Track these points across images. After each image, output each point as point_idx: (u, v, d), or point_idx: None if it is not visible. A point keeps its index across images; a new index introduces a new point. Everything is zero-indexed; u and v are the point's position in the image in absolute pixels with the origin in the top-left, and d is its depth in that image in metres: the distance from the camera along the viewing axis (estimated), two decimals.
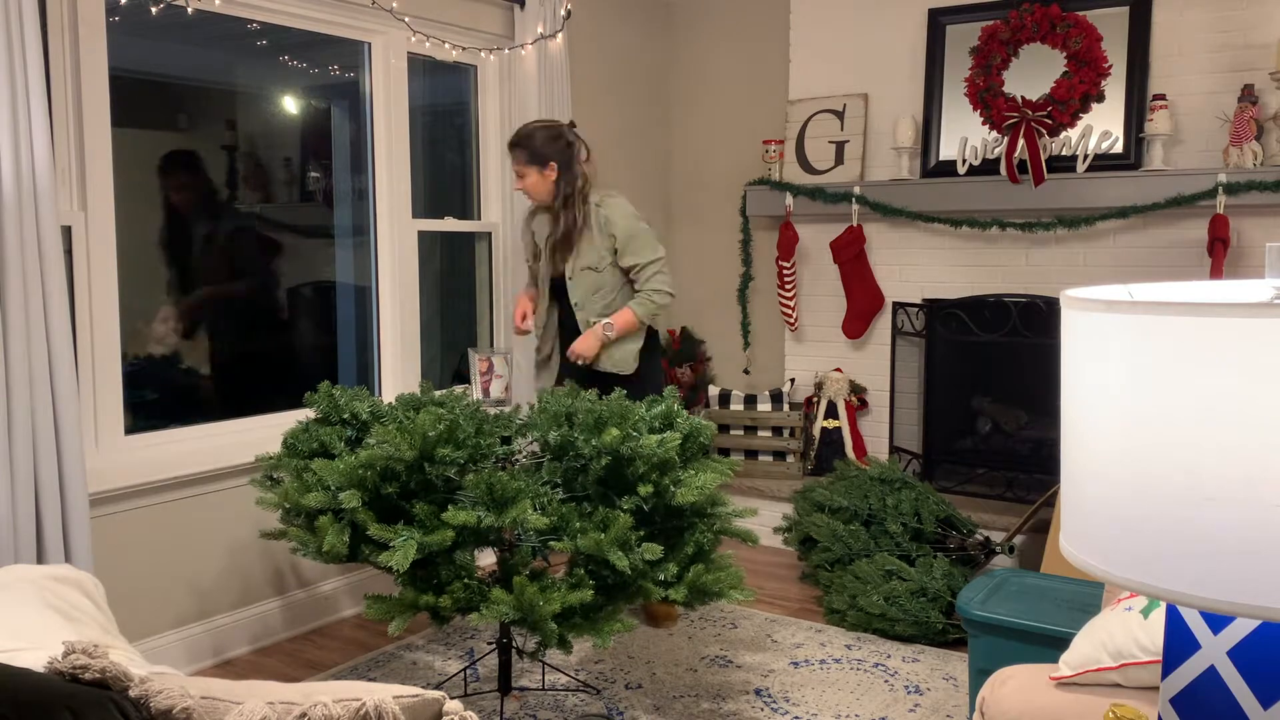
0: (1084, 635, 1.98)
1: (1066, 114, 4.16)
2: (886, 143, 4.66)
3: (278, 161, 3.95)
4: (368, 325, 4.11)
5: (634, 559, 2.40)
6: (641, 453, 2.47)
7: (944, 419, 4.55)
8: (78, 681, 1.26)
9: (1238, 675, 1.12)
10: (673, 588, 2.50)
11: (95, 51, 3.05)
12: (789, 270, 4.86)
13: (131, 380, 3.29)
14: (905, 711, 2.97)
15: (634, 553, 2.41)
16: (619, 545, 2.37)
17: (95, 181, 3.07)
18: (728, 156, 5.20)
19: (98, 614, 2.11)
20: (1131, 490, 0.95)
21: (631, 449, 2.47)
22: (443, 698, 1.32)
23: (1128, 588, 0.96)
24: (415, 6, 3.94)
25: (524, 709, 2.97)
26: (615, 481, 2.54)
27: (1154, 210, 4.01)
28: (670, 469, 2.53)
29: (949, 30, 4.48)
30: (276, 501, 2.64)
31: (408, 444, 2.42)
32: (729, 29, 5.18)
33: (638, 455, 2.47)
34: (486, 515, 2.39)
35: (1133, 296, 1.09)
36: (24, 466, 2.68)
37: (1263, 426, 0.87)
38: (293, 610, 3.62)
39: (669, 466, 2.53)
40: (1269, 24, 3.89)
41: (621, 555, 2.36)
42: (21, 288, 2.66)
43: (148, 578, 3.21)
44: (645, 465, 2.48)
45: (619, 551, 2.36)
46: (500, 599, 2.38)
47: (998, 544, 3.79)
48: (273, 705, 1.20)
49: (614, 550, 2.36)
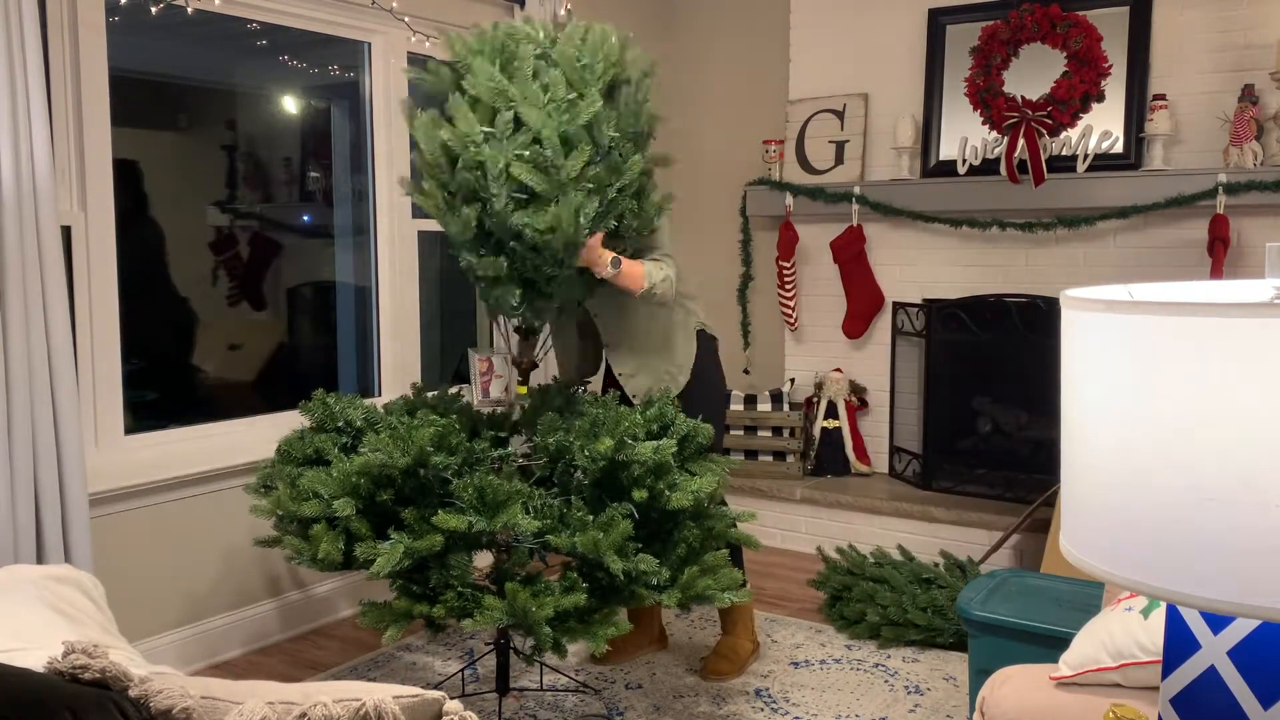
0: (1084, 635, 1.98)
1: (1066, 114, 4.16)
2: (886, 143, 4.66)
3: (278, 161, 3.95)
4: (368, 325, 4.11)
5: (630, 565, 2.39)
6: (637, 459, 2.46)
7: (944, 419, 4.55)
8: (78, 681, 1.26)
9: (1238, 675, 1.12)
10: (666, 592, 2.49)
11: (95, 51, 3.05)
12: (789, 270, 4.86)
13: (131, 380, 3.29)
14: (905, 711, 2.97)
15: (630, 559, 2.40)
16: (615, 550, 2.37)
17: (95, 181, 3.07)
18: (728, 156, 5.20)
19: (98, 614, 2.11)
20: (1131, 490, 0.95)
21: (627, 455, 2.47)
22: (443, 698, 1.32)
23: (1128, 588, 0.96)
24: (415, 6, 3.94)
25: (523, 709, 2.97)
26: (610, 485, 2.54)
27: (1154, 210, 4.01)
28: (666, 473, 2.52)
29: (949, 30, 4.48)
30: (270, 509, 2.64)
31: (401, 451, 2.42)
32: (729, 29, 5.18)
33: (634, 461, 2.46)
34: (477, 519, 2.38)
35: (1133, 296, 1.09)
36: (24, 466, 2.68)
37: (1263, 426, 0.87)
38: (292, 611, 3.62)
39: (664, 470, 2.52)
40: (1269, 24, 3.89)
41: (616, 559, 2.35)
42: (21, 288, 2.66)
43: (148, 578, 3.21)
44: (641, 470, 2.47)
45: (614, 555, 2.36)
46: (493, 605, 2.37)
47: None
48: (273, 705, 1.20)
49: (610, 554, 2.35)
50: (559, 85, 2.45)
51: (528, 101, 2.43)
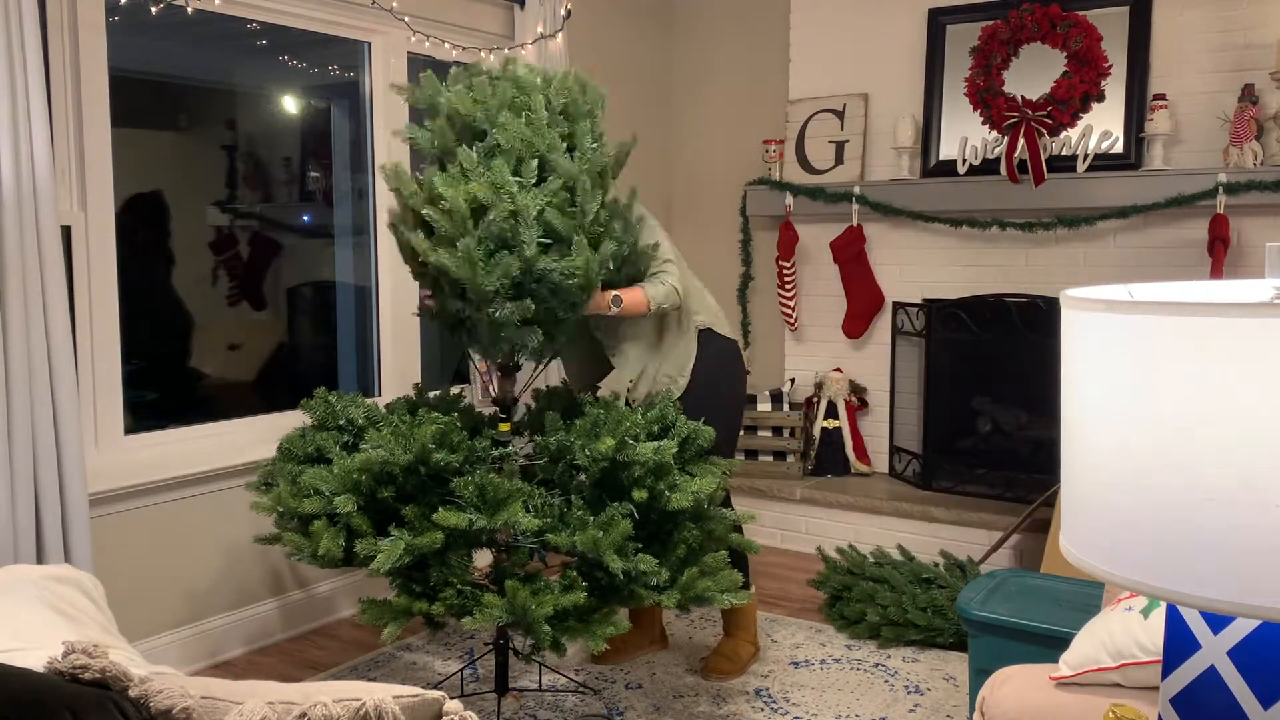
0: (1084, 635, 1.98)
1: (1066, 114, 4.16)
2: (886, 143, 4.66)
3: (278, 161, 3.95)
4: (368, 325, 4.11)
5: (630, 565, 2.40)
6: (638, 459, 2.47)
7: (944, 419, 4.55)
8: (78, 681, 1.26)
9: (1238, 675, 1.12)
10: (665, 593, 2.50)
11: (95, 52, 3.05)
12: (789, 270, 4.86)
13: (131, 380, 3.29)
14: (905, 711, 2.97)
15: (630, 559, 2.41)
16: (615, 550, 2.38)
17: (95, 181, 3.07)
18: (728, 156, 5.20)
19: (98, 614, 2.11)
20: (1131, 490, 0.95)
21: (628, 456, 2.47)
22: (443, 697, 1.32)
23: (1128, 588, 0.96)
24: (415, 6, 3.94)
25: (523, 709, 2.97)
26: (610, 485, 2.54)
27: (1154, 210, 4.01)
28: (666, 473, 2.53)
29: (949, 30, 4.48)
30: (270, 506, 2.64)
31: (402, 449, 2.42)
32: (729, 29, 5.18)
33: (634, 462, 2.47)
34: (478, 517, 2.39)
35: (1133, 296, 1.09)
36: (24, 466, 2.68)
37: (1262, 426, 0.87)
38: (292, 610, 3.62)
39: (665, 471, 2.53)
40: (1269, 24, 3.89)
41: (616, 559, 2.36)
42: (21, 288, 2.66)
43: (148, 578, 3.21)
44: (641, 470, 2.48)
45: (614, 555, 2.36)
46: (493, 603, 2.37)
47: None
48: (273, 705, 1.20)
49: (610, 554, 2.36)
50: (585, 135, 2.60)
51: (552, 149, 2.55)
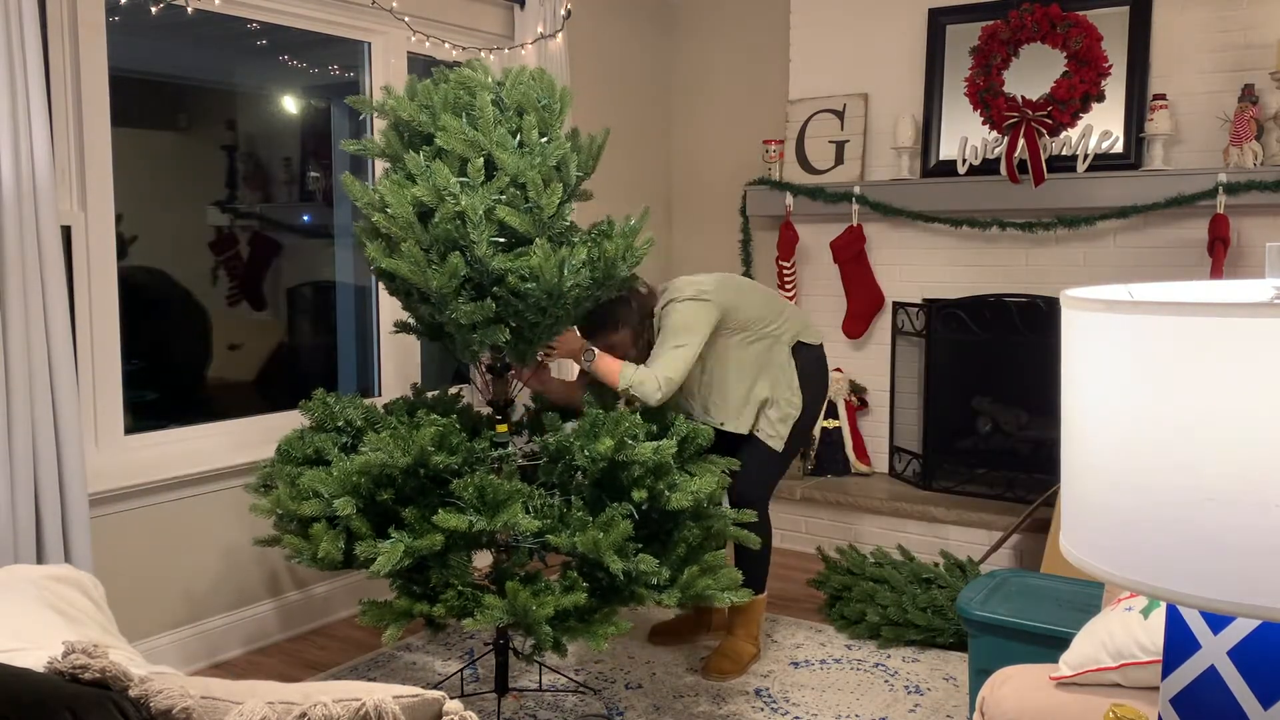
0: (1084, 635, 1.98)
1: (1066, 114, 4.16)
2: (886, 143, 4.66)
3: (278, 161, 3.95)
4: (368, 325, 4.11)
5: (630, 565, 2.40)
6: (637, 459, 2.46)
7: (944, 419, 4.55)
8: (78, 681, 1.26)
9: (1238, 675, 1.12)
10: (665, 592, 2.50)
11: (95, 52, 3.05)
12: (789, 270, 4.86)
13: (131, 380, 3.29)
14: (905, 711, 2.97)
15: (630, 559, 2.41)
16: (615, 550, 2.38)
17: (95, 181, 3.07)
18: (728, 156, 5.20)
19: (97, 614, 2.11)
20: (1131, 490, 0.95)
21: (627, 456, 2.47)
22: (443, 698, 1.32)
23: (1128, 588, 0.96)
24: (415, 6, 3.94)
25: (523, 709, 2.97)
26: (610, 485, 2.54)
27: (1154, 210, 4.01)
28: (666, 473, 2.53)
29: (949, 30, 4.48)
30: (269, 508, 2.64)
31: (401, 451, 2.42)
32: (729, 29, 5.18)
33: (634, 461, 2.47)
34: (478, 519, 2.39)
35: (1133, 296, 1.09)
36: (24, 466, 2.68)
37: (1263, 426, 0.87)
38: (291, 611, 3.62)
39: (664, 470, 2.53)
40: (1269, 24, 3.89)
41: (616, 559, 2.36)
42: (21, 288, 2.66)
43: (148, 578, 3.21)
44: (641, 470, 2.48)
45: (614, 555, 2.36)
46: (493, 604, 2.37)
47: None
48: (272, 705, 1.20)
49: (610, 554, 2.36)
50: (531, 130, 2.53)
51: (500, 146, 2.50)
